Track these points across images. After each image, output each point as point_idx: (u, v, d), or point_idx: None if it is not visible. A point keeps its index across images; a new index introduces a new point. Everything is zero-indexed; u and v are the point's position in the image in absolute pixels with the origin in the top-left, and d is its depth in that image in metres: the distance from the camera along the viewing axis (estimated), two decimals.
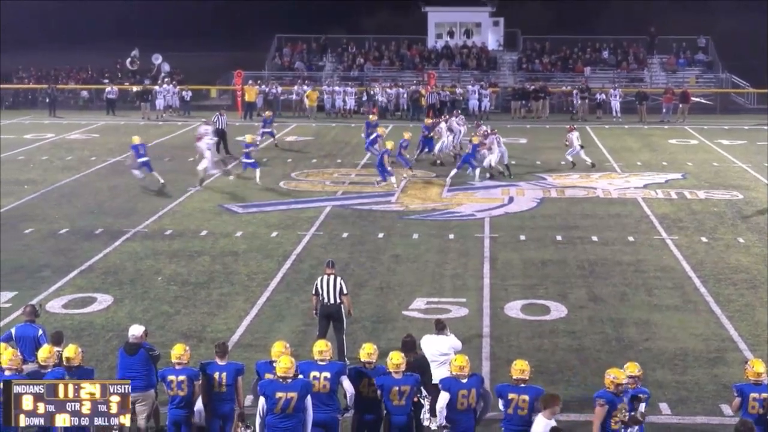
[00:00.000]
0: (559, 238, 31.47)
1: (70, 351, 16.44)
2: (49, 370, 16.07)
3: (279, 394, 15.13)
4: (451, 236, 31.68)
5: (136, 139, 41.08)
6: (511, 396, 15.17)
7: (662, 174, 42.25)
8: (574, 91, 63.03)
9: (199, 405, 16.45)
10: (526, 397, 15.16)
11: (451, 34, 75.99)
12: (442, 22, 76.37)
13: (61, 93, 68.71)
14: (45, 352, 16.35)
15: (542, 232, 32.11)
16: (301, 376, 15.47)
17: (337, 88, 65.21)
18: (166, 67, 72.11)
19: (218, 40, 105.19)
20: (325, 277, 20.98)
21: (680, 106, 60.83)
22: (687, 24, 78.30)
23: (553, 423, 14.08)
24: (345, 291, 21.02)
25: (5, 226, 32.86)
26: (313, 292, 21.13)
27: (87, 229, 32.44)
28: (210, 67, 79.40)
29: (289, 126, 58.04)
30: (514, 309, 24.50)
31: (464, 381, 15.33)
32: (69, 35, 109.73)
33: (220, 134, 46.85)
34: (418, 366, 16.18)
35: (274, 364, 15.49)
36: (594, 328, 23.19)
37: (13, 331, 18.37)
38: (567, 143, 43.36)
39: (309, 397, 15.40)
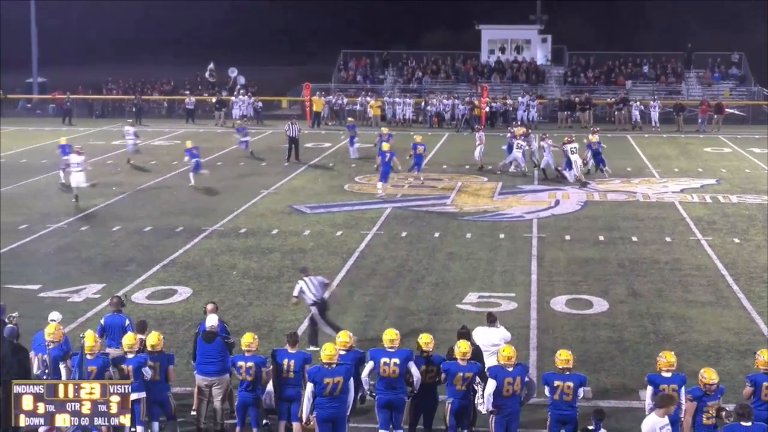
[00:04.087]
0: (601, 238, 31.29)
1: (153, 338, 16.59)
2: (133, 355, 16.20)
3: (326, 380, 15.25)
4: (502, 236, 31.59)
5: (189, 144, 42.46)
6: (556, 383, 15.22)
7: (698, 179, 41.88)
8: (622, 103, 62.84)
9: (269, 388, 16.55)
10: (571, 384, 15.26)
11: (502, 49, 75.79)
12: (494, 38, 76.22)
13: (146, 103, 69.18)
14: (129, 339, 16.47)
15: (586, 233, 31.95)
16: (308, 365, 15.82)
17: (397, 99, 65.40)
18: (242, 80, 72.40)
19: (289, 54, 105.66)
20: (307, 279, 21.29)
21: (715, 117, 60.28)
22: (721, 41, 77.72)
23: (665, 422, 13.88)
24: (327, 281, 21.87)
25: (96, 224, 33.17)
26: (296, 294, 21.34)
27: (169, 228, 32.65)
28: (281, 79, 79.66)
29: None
30: (559, 303, 24.40)
31: (510, 369, 15.34)
32: (152, 50, 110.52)
33: (293, 141, 47.09)
34: (474, 355, 16.18)
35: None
36: (633, 321, 23.05)
37: (102, 320, 18.56)
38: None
39: (351, 380, 15.56)
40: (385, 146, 39.52)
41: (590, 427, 14.68)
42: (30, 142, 52.70)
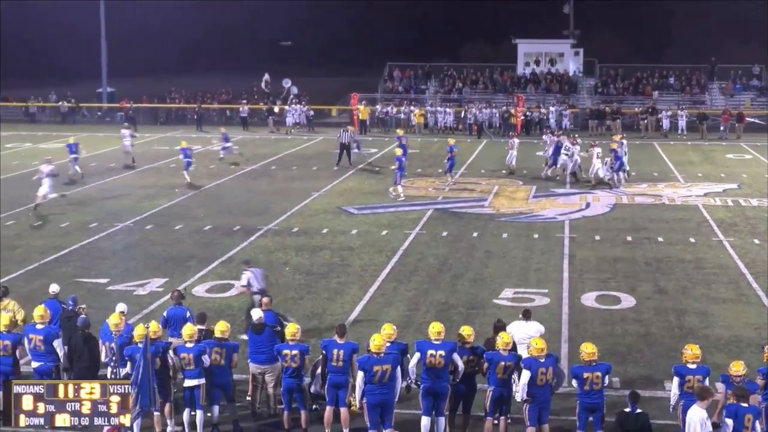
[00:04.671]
0: (629, 238, 31.13)
1: (222, 326, 16.73)
2: (192, 344, 16.30)
3: (376, 368, 15.32)
4: (536, 236, 31.50)
5: (184, 143, 43.65)
6: (586, 375, 15.22)
7: (720, 184, 41.55)
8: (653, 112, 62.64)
9: (318, 376, 16.61)
10: (599, 373, 15.29)
11: (537, 62, 75.58)
12: (530, 52, 76.10)
13: (206, 111, 69.52)
14: (189, 329, 16.53)
15: (615, 234, 31.79)
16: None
17: (439, 108, 65.53)
18: (295, 90, 72.60)
19: (338, 66, 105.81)
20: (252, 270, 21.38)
21: (736, 125, 59.90)
22: (743, 54, 77.02)
23: (705, 413, 13.76)
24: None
25: (159, 224, 33.38)
26: (244, 284, 21.35)
27: (227, 227, 32.79)
28: (331, 89, 79.82)
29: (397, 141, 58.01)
30: (589, 299, 24.30)
31: (542, 360, 15.36)
32: (213, 62, 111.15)
33: (344, 147, 47.25)
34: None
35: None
36: (659, 316, 22.92)
37: (165, 312, 18.68)
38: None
39: (399, 368, 15.60)
40: (398, 151, 39.94)
41: (626, 410, 14.65)
42: (99, 147, 53.06)
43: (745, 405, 13.93)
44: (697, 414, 13.68)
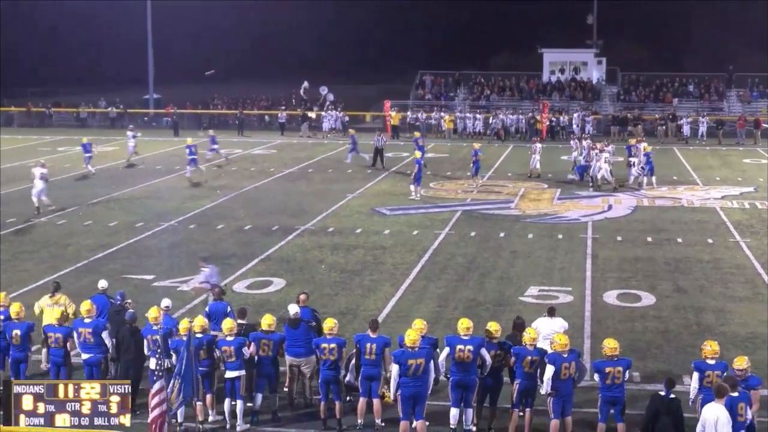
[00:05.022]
0: (649, 239, 30.99)
1: (269, 319, 16.76)
2: (233, 338, 16.36)
3: (410, 361, 15.32)
4: (560, 236, 31.42)
5: (190, 141, 44.57)
6: (608, 370, 15.20)
7: (737, 187, 41.28)
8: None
9: (352, 368, 16.64)
10: (620, 368, 15.27)
11: (562, 70, 75.37)
12: (555, 61, 75.90)
13: (247, 117, 69.75)
14: (228, 323, 16.60)
15: (635, 235, 31.65)
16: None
17: (468, 114, 65.51)
18: (331, 97, 72.70)
19: (372, 74, 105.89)
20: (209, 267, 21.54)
21: (754, 131, 59.56)
22: (760, 63, 76.43)
23: (723, 409, 13.64)
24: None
25: (202, 223, 33.53)
26: (202, 279, 21.39)
27: (266, 226, 32.89)
28: (365, 96, 79.96)
29: (429, 145, 58.02)
30: (611, 297, 24.21)
31: (566, 355, 15.36)
32: (254, 70, 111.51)
33: (378, 151, 47.37)
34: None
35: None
36: (678, 314, 22.82)
37: (207, 307, 18.76)
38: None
39: (432, 362, 15.60)
40: (417, 154, 40.03)
41: (661, 393, 14.63)
42: (145, 150, 53.31)
43: (735, 394, 13.87)
44: (713, 412, 13.61)
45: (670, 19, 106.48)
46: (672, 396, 14.50)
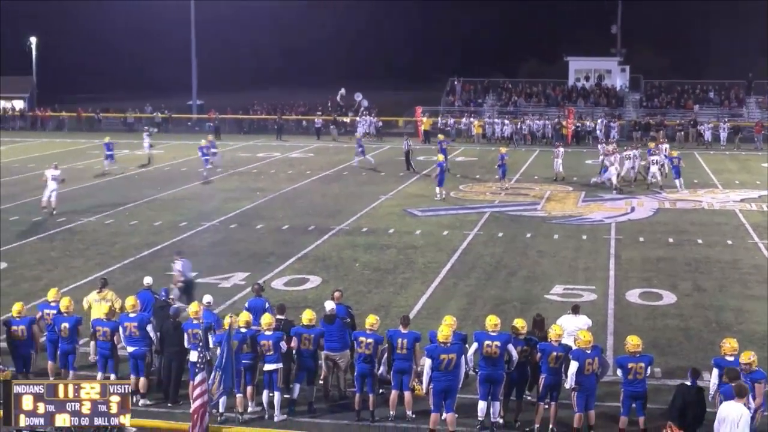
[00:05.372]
0: (670, 240, 30.79)
1: (309, 314, 16.80)
2: (271, 332, 16.39)
3: (442, 356, 15.31)
4: (584, 237, 31.27)
5: (204, 142, 45.88)
6: (630, 365, 15.15)
7: (756, 191, 40.92)
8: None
9: (385, 362, 16.62)
10: (642, 364, 15.21)
11: (587, 78, 75.18)
12: (580, 68, 75.81)
13: (285, 122, 69.96)
14: (267, 318, 16.63)
15: (657, 236, 31.46)
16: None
17: (496, 120, 65.37)
18: (365, 103, 72.87)
19: (404, 81, 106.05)
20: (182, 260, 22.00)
21: None
22: None
23: (744, 408, 13.46)
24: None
25: (242, 223, 33.64)
26: (177, 270, 21.88)
27: (303, 226, 32.94)
28: (398, 102, 80.00)
29: (458, 149, 58.12)
30: (633, 295, 24.06)
31: (589, 351, 15.33)
32: (292, 78, 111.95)
33: (407, 154, 47.38)
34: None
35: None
36: (698, 312, 22.64)
37: (247, 303, 18.82)
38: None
39: (463, 357, 15.61)
40: (440, 157, 40.12)
41: (687, 383, 14.57)
42: (189, 153, 53.58)
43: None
44: (734, 410, 13.49)
45: (692, 29, 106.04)
46: (698, 386, 14.48)
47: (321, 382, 17.19)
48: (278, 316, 17.30)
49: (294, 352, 16.55)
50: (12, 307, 17.78)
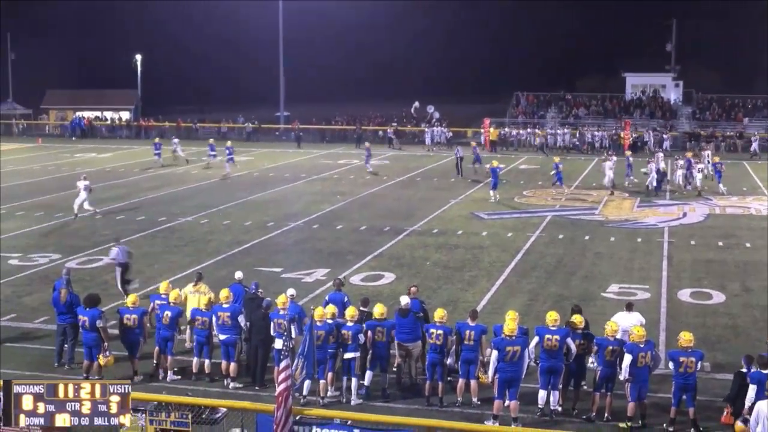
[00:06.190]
0: (720, 243, 30.25)
1: (381, 308, 16.81)
2: (351, 324, 16.45)
3: (508, 348, 15.26)
4: (639, 240, 30.87)
5: (211, 141, 48.19)
6: (682, 359, 14.97)
7: None
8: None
9: (453, 352, 16.60)
10: (693, 359, 15.02)
11: (643, 92, 74.26)
12: (637, 83, 75.04)
13: (364, 131, 70.15)
14: (351, 311, 16.72)
15: (708, 239, 30.93)
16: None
17: (558, 131, 64.87)
18: (437, 114, 72.75)
19: (474, 95, 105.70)
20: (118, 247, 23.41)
21: None
22: None
23: None
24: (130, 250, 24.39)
25: (324, 224, 33.83)
26: (112, 257, 23.41)
27: (379, 227, 33.01)
28: (467, 114, 79.72)
29: (522, 158, 57.77)
30: (684, 295, 23.70)
31: (642, 346, 15.21)
32: (371, 90, 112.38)
33: (458, 161, 47.61)
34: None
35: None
36: (746, 311, 22.22)
37: (327, 297, 18.91)
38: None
39: (527, 350, 15.54)
40: (495, 162, 40.38)
41: (743, 370, 14.37)
42: (276, 160, 54.10)
43: (766, 371, 13.91)
44: (765, 407, 13.24)
45: (742, 46, 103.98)
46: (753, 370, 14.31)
47: (395, 369, 17.23)
48: (362, 308, 17.39)
49: (369, 342, 16.63)
50: (126, 298, 18.16)
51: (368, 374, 16.65)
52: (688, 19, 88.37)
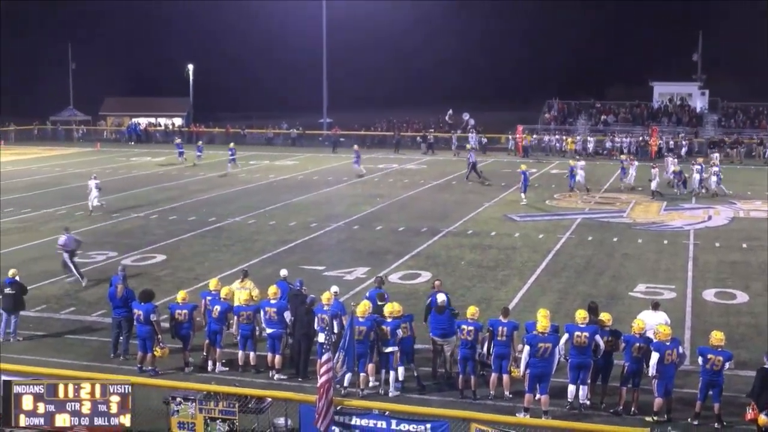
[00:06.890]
0: (744, 245, 29.89)
1: (390, 307, 16.74)
2: (392, 320, 16.44)
3: (540, 345, 15.24)
4: (665, 242, 30.59)
5: (232, 144, 49.59)
6: (710, 356, 14.93)
7: None
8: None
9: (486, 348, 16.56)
10: (721, 358, 14.93)
11: (670, 100, 73.55)
12: (664, 92, 74.33)
13: (402, 137, 70.06)
14: (389, 307, 16.73)
15: (732, 242, 30.57)
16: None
17: (589, 138, 64.47)
18: (472, 121, 72.47)
19: (507, 102, 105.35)
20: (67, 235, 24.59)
21: None
22: None
23: None
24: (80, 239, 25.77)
25: (364, 225, 33.87)
26: (61, 243, 24.47)
27: (416, 228, 33.00)
28: (501, 121, 79.31)
29: (553, 163, 57.44)
30: (709, 294, 23.45)
31: (668, 344, 15.12)
32: (409, 98, 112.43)
33: (473, 165, 47.28)
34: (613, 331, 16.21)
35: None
36: None
37: (367, 293, 18.93)
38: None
39: (557, 347, 15.47)
40: (523, 166, 40.38)
41: (765, 366, 14.27)
42: (319, 164, 54.26)
43: None
44: None
45: (766, 56, 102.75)
46: None
47: (431, 362, 17.23)
48: (378, 302, 17.48)
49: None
50: (177, 294, 18.36)
51: (400, 369, 16.65)
52: (714, 30, 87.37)
